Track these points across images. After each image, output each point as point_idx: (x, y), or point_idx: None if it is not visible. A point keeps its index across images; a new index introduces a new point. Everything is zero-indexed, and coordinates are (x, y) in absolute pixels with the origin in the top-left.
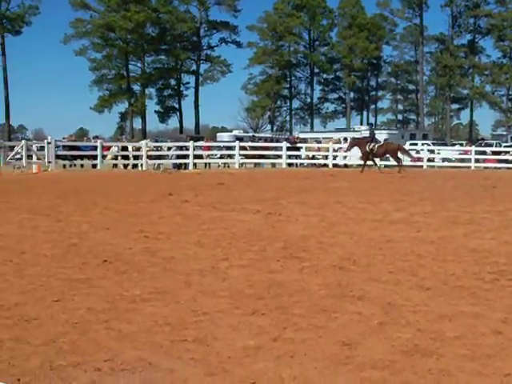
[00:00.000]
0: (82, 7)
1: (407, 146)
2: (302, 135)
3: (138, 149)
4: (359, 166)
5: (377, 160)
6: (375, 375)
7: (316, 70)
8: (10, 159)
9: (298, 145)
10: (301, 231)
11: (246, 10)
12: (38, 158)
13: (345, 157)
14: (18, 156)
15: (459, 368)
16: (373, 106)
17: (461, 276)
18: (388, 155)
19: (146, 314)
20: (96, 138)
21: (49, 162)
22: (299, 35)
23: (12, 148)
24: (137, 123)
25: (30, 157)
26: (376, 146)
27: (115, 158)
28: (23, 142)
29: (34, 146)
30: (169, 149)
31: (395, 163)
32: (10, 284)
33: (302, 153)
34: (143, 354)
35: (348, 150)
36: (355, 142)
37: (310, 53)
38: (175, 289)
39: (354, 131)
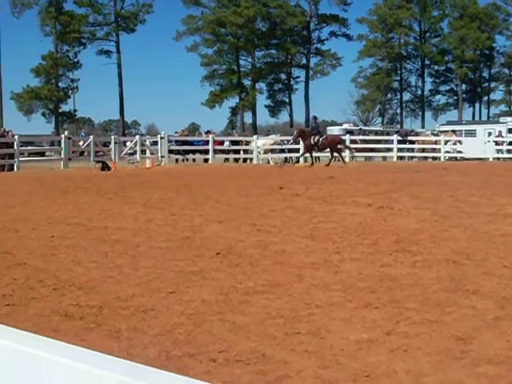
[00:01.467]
0: (193, 4)
1: None
2: (444, 127)
3: (248, 143)
4: (476, 159)
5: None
6: (491, 370)
7: (427, 62)
8: (125, 154)
9: (409, 138)
10: (413, 225)
11: (355, 2)
12: (152, 153)
13: (459, 151)
14: (131, 151)
15: None
16: (485, 98)
17: None
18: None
19: (259, 306)
20: (207, 132)
21: (162, 157)
22: (409, 27)
23: (126, 143)
24: (247, 118)
25: (143, 152)
26: (320, 138)
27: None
28: (137, 137)
29: (147, 141)
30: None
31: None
32: (126, 276)
33: (414, 146)
34: (257, 345)
35: (294, 141)
36: (300, 134)
37: (420, 44)
38: (288, 282)
39: (500, 123)
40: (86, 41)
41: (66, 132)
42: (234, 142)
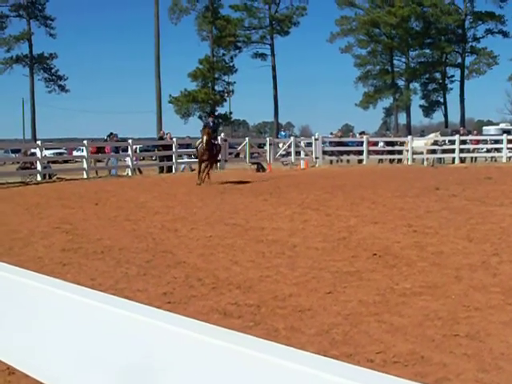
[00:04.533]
0: (347, 5)
1: None
2: None
3: (404, 143)
4: None
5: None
6: None
7: None
8: (279, 155)
9: None
10: None
11: None
12: (306, 154)
13: None
14: (284, 152)
15: None
16: None
17: None
18: None
19: (416, 308)
20: (362, 133)
21: (316, 158)
22: None
23: (280, 145)
24: (401, 118)
25: (297, 153)
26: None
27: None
28: (292, 138)
29: (301, 142)
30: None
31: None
32: (283, 276)
33: None
34: (415, 347)
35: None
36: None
37: None
38: (445, 283)
39: None
40: (241, 44)
41: (222, 134)
42: (388, 143)
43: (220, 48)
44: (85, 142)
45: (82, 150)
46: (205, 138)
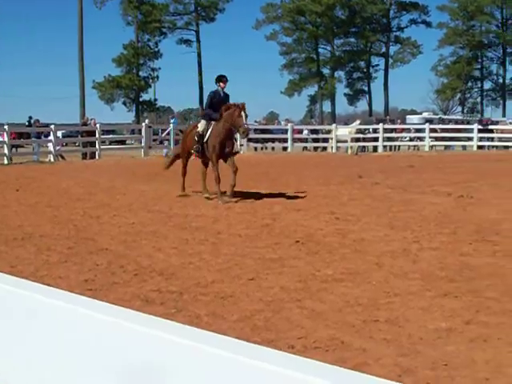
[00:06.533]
0: None
1: None
2: None
3: (329, 131)
4: None
5: None
6: None
7: (508, 50)
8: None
9: (490, 127)
10: (493, 214)
11: None
12: None
13: None
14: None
15: None
16: None
17: None
18: None
19: (338, 294)
20: (286, 121)
21: (241, 145)
22: (491, 14)
23: None
24: (326, 106)
25: None
26: None
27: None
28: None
29: None
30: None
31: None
32: (206, 262)
33: (495, 135)
34: (336, 333)
35: None
36: None
37: (502, 32)
38: (366, 270)
39: None
40: (166, 30)
41: (146, 120)
42: (312, 131)
43: (145, 33)
44: (5, 126)
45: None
46: (221, 124)
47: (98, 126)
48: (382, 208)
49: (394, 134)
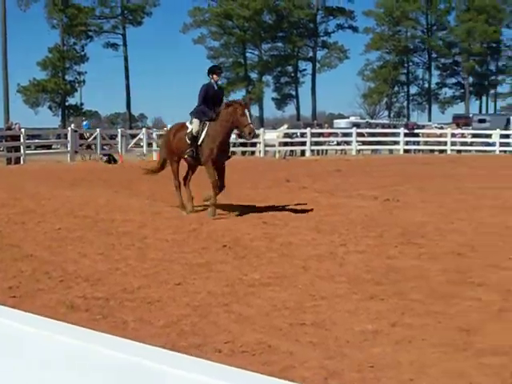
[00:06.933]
0: None
1: None
2: None
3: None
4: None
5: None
6: (495, 361)
7: (434, 55)
8: (131, 147)
9: (416, 131)
10: (419, 217)
11: None
12: (158, 146)
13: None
14: (139, 144)
15: None
16: (492, 91)
17: None
18: None
19: (265, 298)
20: None
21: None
22: (416, 20)
23: (133, 136)
24: (254, 111)
25: (150, 145)
26: None
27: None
28: (144, 129)
29: (154, 133)
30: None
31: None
32: (132, 268)
33: (420, 139)
34: (263, 336)
35: None
36: None
37: (427, 37)
38: (294, 274)
39: None
40: (92, 34)
41: (72, 125)
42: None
43: (71, 37)
44: None
45: None
46: (219, 124)
47: (22, 130)
48: (310, 212)
49: (321, 139)
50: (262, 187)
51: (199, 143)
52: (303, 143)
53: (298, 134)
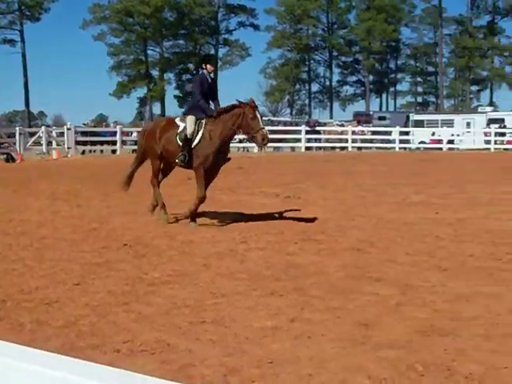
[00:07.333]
0: None
1: None
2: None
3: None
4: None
5: None
6: (392, 355)
7: (334, 53)
8: (30, 145)
9: (317, 128)
10: (320, 214)
11: None
12: (58, 144)
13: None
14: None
15: (475, 347)
16: (392, 89)
17: (479, 257)
18: None
19: (165, 297)
20: (115, 123)
21: (68, 148)
22: (317, 18)
23: (32, 134)
24: (156, 108)
25: (50, 143)
26: None
27: None
28: (43, 128)
29: (53, 132)
30: None
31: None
32: (30, 268)
33: (322, 136)
34: (162, 335)
35: None
36: None
37: (328, 36)
38: (194, 271)
39: (480, 113)
40: None
41: None
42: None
43: None
44: None
45: None
46: (220, 126)
47: None
48: (211, 209)
49: None
50: (163, 185)
51: (193, 146)
52: None
53: None
